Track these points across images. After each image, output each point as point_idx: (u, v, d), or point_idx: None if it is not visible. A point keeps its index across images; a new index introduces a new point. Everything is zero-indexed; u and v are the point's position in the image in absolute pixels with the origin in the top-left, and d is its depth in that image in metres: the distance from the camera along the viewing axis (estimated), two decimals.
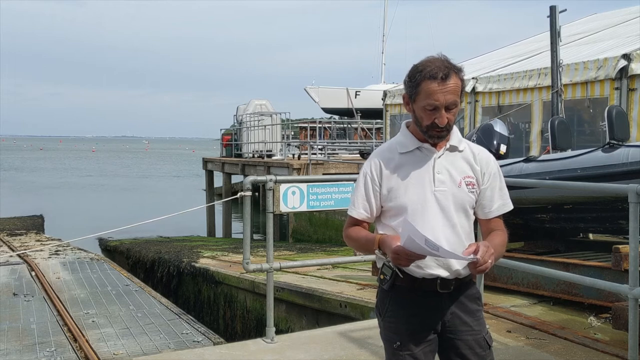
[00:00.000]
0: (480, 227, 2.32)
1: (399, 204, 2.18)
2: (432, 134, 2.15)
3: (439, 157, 2.19)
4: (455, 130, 2.22)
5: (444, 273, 2.15)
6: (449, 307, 2.18)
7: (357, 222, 2.27)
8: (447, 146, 2.21)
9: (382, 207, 2.24)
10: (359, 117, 26.21)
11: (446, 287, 2.17)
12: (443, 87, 2.07)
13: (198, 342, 6.18)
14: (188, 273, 10.50)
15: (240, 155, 23.67)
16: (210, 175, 23.63)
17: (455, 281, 2.18)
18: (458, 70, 2.11)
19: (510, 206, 2.29)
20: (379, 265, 2.25)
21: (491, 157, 2.28)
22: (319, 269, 8.36)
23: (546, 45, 8.31)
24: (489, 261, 2.01)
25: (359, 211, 2.25)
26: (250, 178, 4.62)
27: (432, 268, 2.14)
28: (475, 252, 2.00)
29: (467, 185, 2.19)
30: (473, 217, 2.26)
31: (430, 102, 2.09)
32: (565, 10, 7.58)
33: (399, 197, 2.18)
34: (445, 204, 2.17)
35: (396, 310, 2.21)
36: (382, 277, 2.24)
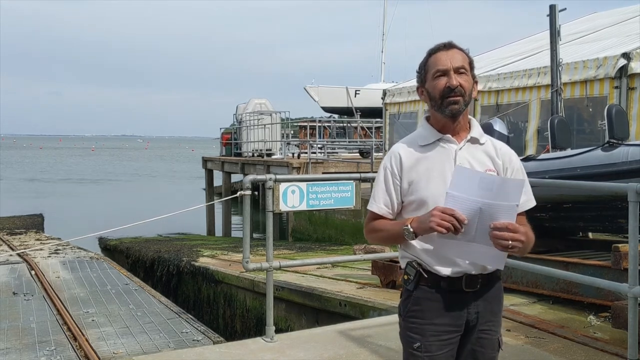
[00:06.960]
0: None
1: (420, 197, 2.11)
2: (449, 102, 2.08)
3: (460, 149, 2.13)
4: (475, 123, 2.19)
5: (469, 269, 2.08)
6: (474, 306, 2.12)
7: (377, 217, 2.21)
8: (468, 138, 2.16)
9: (402, 201, 2.17)
10: (358, 116, 26.22)
11: (473, 285, 2.10)
12: (447, 53, 2.10)
13: (198, 341, 6.17)
14: (188, 272, 10.50)
15: (239, 154, 23.69)
16: (210, 175, 23.63)
17: (482, 278, 2.11)
18: (462, 49, 2.13)
19: (533, 202, 2.23)
20: (403, 265, 2.19)
21: (513, 152, 2.23)
22: (319, 268, 8.37)
23: (546, 44, 8.31)
24: (514, 243, 1.93)
25: (379, 206, 2.18)
26: (250, 177, 4.62)
27: (458, 265, 2.07)
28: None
29: None
30: None
31: (438, 67, 2.09)
32: (565, 9, 7.57)
33: (420, 190, 2.11)
34: None
35: (420, 310, 2.13)
36: (405, 277, 2.16)
